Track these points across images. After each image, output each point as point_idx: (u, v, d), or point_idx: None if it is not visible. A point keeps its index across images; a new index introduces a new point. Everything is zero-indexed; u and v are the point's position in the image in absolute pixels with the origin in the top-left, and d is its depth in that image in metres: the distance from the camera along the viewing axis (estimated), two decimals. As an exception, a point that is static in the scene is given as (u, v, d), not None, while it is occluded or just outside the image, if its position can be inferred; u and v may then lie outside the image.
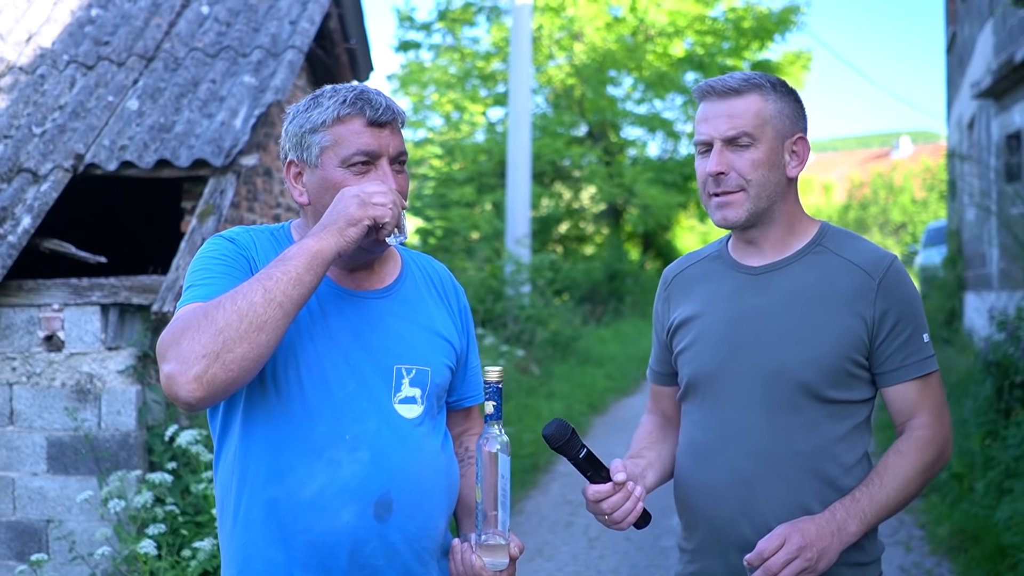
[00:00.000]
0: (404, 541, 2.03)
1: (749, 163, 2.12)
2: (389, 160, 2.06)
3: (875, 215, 39.45)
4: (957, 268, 14.24)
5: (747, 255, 2.22)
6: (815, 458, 2.09)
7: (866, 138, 74.80)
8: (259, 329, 1.81)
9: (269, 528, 2.01)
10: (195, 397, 1.80)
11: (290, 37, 6.35)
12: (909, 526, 6.37)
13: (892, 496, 2.06)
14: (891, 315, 2.09)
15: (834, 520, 2.02)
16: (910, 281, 2.14)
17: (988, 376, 7.10)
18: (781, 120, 2.14)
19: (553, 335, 13.09)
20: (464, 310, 2.29)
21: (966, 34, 14.07)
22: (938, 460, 2.12)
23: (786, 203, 2.17)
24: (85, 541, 4.95)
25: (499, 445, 1.98)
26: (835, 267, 2.14)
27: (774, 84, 2.16)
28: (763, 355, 2.12)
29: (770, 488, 2.10)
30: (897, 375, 2.11)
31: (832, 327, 2.09)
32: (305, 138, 2.06)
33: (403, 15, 22.93)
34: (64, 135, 5.78)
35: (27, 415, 5.14)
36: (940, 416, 2.14)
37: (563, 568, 5.86)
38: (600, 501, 2.06)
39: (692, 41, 22.32)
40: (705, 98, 2.16)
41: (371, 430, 2.02)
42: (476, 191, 20.62)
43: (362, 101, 2.04)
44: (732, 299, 2.19)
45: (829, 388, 2.09)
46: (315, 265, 1.88)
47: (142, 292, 5.12)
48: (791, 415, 2.10)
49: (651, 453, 2.28)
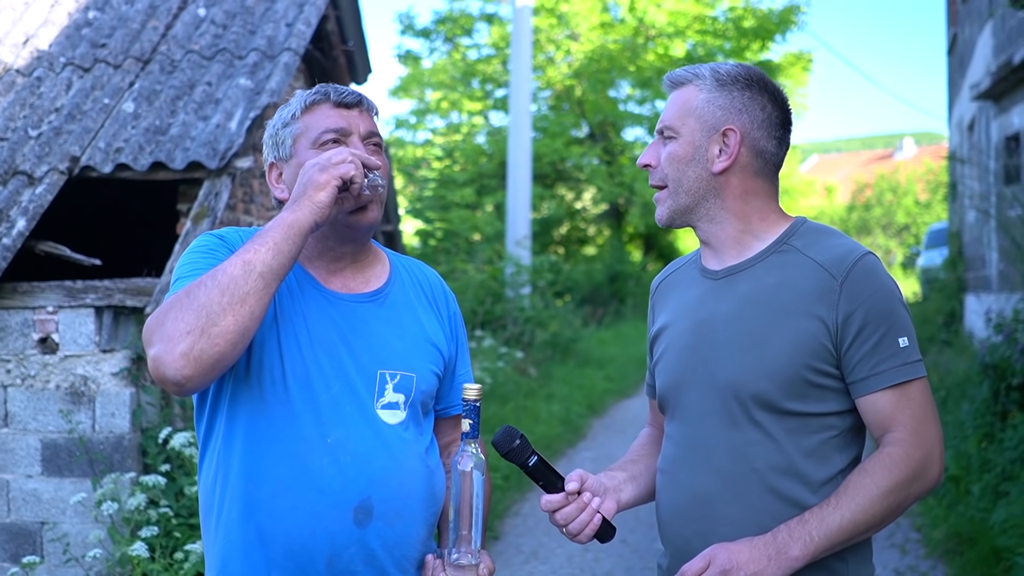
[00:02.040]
0: (383, 548, 2.02)
1: (667, 156, 2.01)
2: (360, 139, 2.08)
3: (878, 217, 39.39)
4: (957, 270, 14.22)
5: (709, 258, 2.07)
6: (775, 476, 1.91)
7: (870, 139, 74.69)
8: (242, 300, 1.80)
9: (247, 530, 2.01)
10: (183, 375, 1.77)
11: (286, 39, 6.36)
12: (905, 529, 6.36)
13: (848, 518, 1.83)
14: (856, 318, 1.87)
15: (774, 543, 1.84)
16: (883, 279, 1.92)
17: (985, 379, 7.10)
18: (709, 111, 1.98)
19: (553, 337, 13.08)
20: (454, 316, 2.27)
21: (966, 35, 14.06)
22: (915, 480, 1.86)
23: (724, 200, 2.00)
24: (79, 543, 4.95)
25: (473, 463, 1.94)
26: (798, 267, 1.94)
27: (717, 74, 2.01)
28: (718, 366, 1.96)
29: (728, 509, 1.94)
30: (867, 384, 1.89)
31: (788, 333, 1.90)
32: (279, 134, 2.11)
33: (405, 24, 22.92)
34: (60, 137, 5.79)
35: (21, 417, 5.15)
36: (918, 431, 1.88)
37: (558, 571, 5.86)
38: (554, 511, 1.98)
39: (693, 42, 22.31)
40: (664, 91, 2.09)
41: (353, 434, 2.01)
42: (477, 193, 20.63)
43: (327, 88, 2.11)
44: (695, 307, 2.05)
45: (788, 400, 1.90)
46: (292, 235, 1.87)
47: (136, 294, 5.12)
48: (747, 430, 1.93)
49: (636, 466, 2.17)
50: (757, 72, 2.03)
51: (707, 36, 22.15)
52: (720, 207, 2.01)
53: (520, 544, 6.36)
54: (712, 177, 1.99)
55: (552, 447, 8.77)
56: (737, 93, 1.99)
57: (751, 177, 2.01)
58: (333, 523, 1.98)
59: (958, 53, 15.33)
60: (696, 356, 2.01)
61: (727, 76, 2.00)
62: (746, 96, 1.99)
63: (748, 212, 2.02)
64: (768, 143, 2.01)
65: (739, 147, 1.98)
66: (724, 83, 1.99)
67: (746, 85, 2.00)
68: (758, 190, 2.02)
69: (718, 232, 2.03)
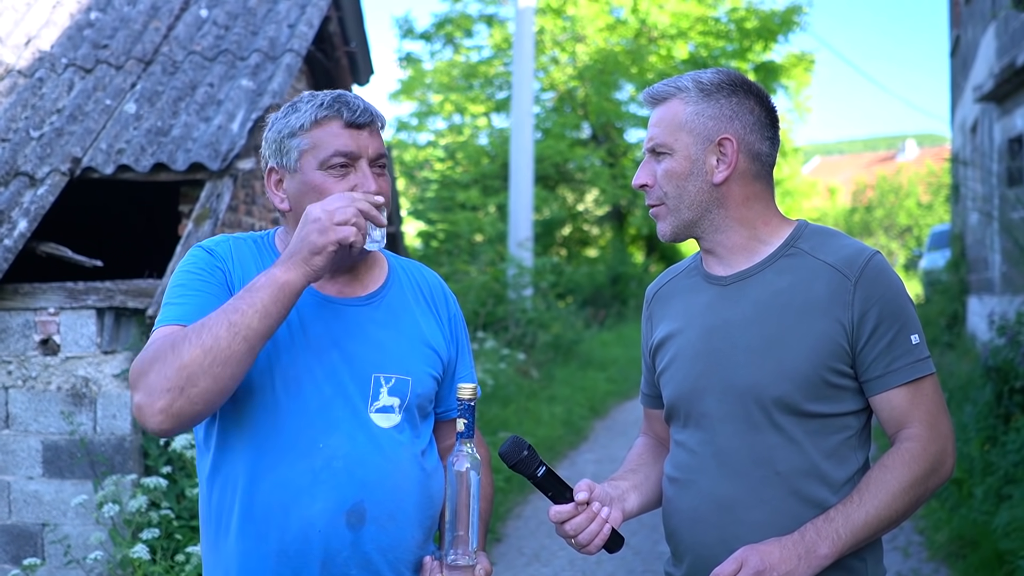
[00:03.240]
0: (378, 551, 2.02)
1: (663, 174, 2.01)
2: (368, 162, 2.04)
3: (880, 218, 39.38)
4: (960, 272, 14.20)
5: (715, 265, 2.08)
6: (798, 479, 1.94)
7: (872, 141, 74.58)
8: (223, 364, 1.82)
9: (242, 535, 2.01)
10: (162, 428, 1.84)
11: (288, 41, 6.35)
12: (908, 532, 6.35)
13: (873, 514, 1.88)
14: (871, 317, 1.91)
15: (802, 542, 1.86)
16: (893, 279, 1.96)
17: (988, 381, 7.09)
18: (700, 123, 1.99)
19: (555, 339, 13.07)
20: (454, 319, 2.25)
21: (969, 37, 14.05)
22: (932, 473, 1.92)
23: (728, 209, 2.01)
24: (80, 545, 4.94)
25: (469, 463, 1.94)
26: (809, 270, 1.97)
27: (701, 85, 2.01)
28: (736, 371, 1.97)
29: (752, 513, 1.95)
30: (882, 382, 1.93)
31: (806, 336, 1.92)
32: (284, 143, 2.05)
33: (404, 29, 22.88)
34: (61, 138, 5.79)
35: (23, 419, 5.14)
36: (934, 425, 1.94)
37: (559, 573, 5.85)
38: (563, 522, 1.97)
39: (695, 44, 22.30)
40: (646, 106, 2.08)
41: (345, 439, 2.01)
42: (480, 194, 20.61)
43: (339, 103, 2.03)
44: (705, 313, 2.05)
45: (809, 402, 1.93)
46: (282, 297, 1.87)
47: (138, 296, 5.12)
48: (769, 434, 1.95)
49: (637, 476, 2.17)
50: (738, 76, 2.04)
51: (709, 37, 22.15)
52: (725, 216, 2.02)
53: (522, 546, 6.35)
54: (713, 188, 2.00)
55: (554, 449, 8.77)
56: (724, 100, 2.00)
57: (751, 181, 2.03)
58: (326, 527, 1.98)
59: (961, 55, 15.31)
60: (711, 362, 2.01)
61: (711, 85, 2.00)
62: (733, 102, 2.00)
63: (752, 217, 2.03)
64: (762, 145, 2.02)
65: (737, 154, 1.99)
66: (709, 92, 2.00)
67: (731, 91, 2.01)
68: (758, 193, 2.04)
69: (724, 241, 2.04)
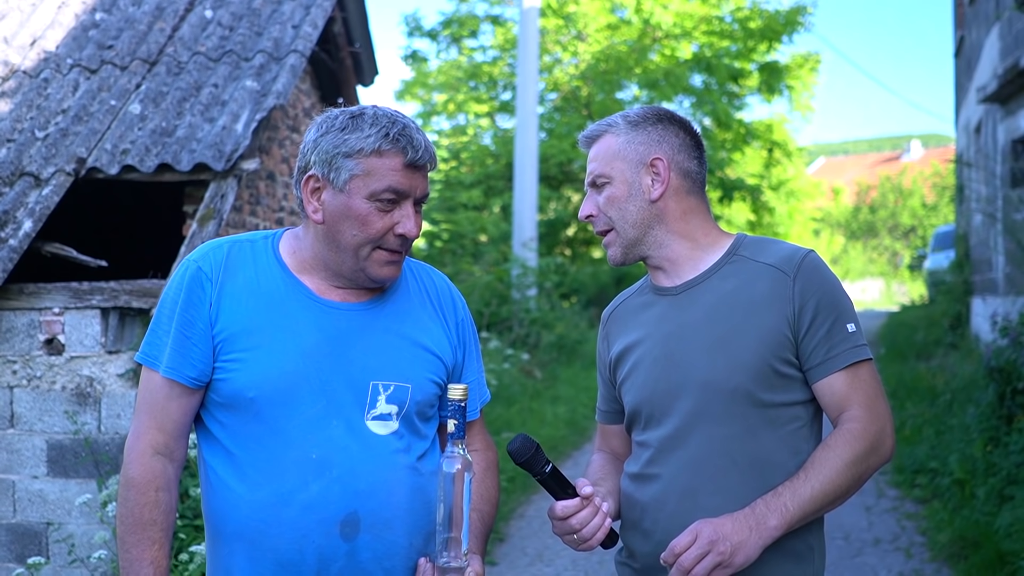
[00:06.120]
0: (374, 559, 2.02)
1: (605, 201, 2.20)
2: (413, 201, 2.04)
3: (884, 219, 39.36)
4: (964, 273, 14.18)
5: (663, 279, 2.24)
6: (755, 467, 2.08)
7: (877, 141, 74.44)
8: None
9: (239, 545, 2.02)
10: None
11: (293, 41, 6.37)
12: (910, 532, 6.35)
13: (818, 489, 2.01)
14: (808, 308, 2.08)
15: (753, 515, 1.99)
16: (827, 272, 2.14)
17: (990, 382, 7.09)
18: (632, 149, 2.19)
19: (559, 339, 13.07)
20: (462, 324, 2.23)
21: (973, 38, 14.04)
22: (872, 452, 2.05)
23: (668, 224, 2.19)
24: (84, 544, 4.96)
25: (460, 465, 1.94)
26: (752, 272, 2.14)
27: (628, 118, 2.22)
28: (694, 368, 2.12)
29: (712, 500, 2.08)
30: (823, 368, 2.08)
31: (754, 330, 2.09)
32: (337, 160, 2.00)
33: (412, 26, 22.90)
34: (66, 139, 5.81)
35: (27, 418, 5.17)
36: (872, 408, 2.07)
37: (562, 573, 5.86)
38: (568, 517, 2.05)
39: (699, 44, 22.28)
40: (582, 148, 2.28)
41: (339, 448, 2.00)
42: (484, 194, 20.61)
43: (405, 140, 2.00)
44: (660, 322, 2.20)
45: (762, 391, 2.08)
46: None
47: (142, 296, 5.14)
48: (727, 424, 2.09)
49: (607, 484, 2.26)
50: (663, 109, 2.26)
51: (714, 37, 22.11)
52: (666, 231, 2.20)
53: (525, 546, 6.36)
54: (651, 205, 2.19)
55: (557, 449, 8.78)
56: (651, 128, 2.21)
57: (685, 196, 2.22)
58: (320, 538, 1.98)
59: (965, 56, 15.30)
60: (670, 364, 2.16)
61: (637, 117, 2.23)
62: (659, 128, 2.21)
63: (691, 230, 2.21)
64: (691, 163, 2.22)
65: (668, 171, 2.19)
66: (636, 123, 2.21)
67: (656, 120, 2.22)
68: (694, 208, 2.23)
69: (669, 255, 2.22)
